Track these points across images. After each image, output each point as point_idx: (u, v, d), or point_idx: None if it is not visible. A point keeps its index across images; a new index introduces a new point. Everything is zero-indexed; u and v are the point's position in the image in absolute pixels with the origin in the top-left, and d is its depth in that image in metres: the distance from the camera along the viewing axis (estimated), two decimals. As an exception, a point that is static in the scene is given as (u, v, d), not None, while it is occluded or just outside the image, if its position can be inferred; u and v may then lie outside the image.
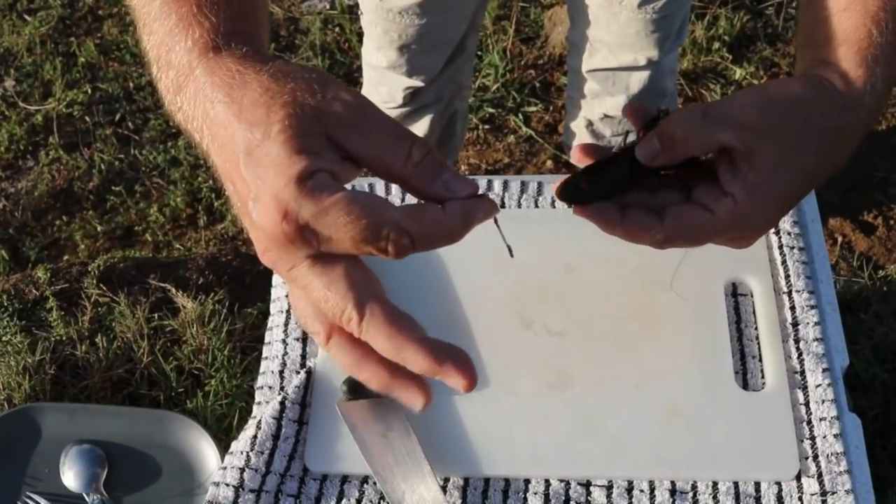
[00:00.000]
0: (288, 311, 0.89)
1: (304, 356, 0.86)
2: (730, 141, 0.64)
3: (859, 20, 0.68)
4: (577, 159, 0.72)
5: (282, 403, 0.82)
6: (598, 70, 1.55)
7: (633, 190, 0.70)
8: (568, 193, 0.70)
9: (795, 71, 0.73)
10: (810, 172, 0.66)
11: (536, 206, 0.93)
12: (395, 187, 0.93)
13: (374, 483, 0.79)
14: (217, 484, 0.78)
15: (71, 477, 1.05)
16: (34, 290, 1.74)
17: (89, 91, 2.37)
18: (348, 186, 0.55)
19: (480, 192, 0.59)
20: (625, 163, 0.70)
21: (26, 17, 2.58)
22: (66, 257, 2.04)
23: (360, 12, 1.49)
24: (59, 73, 2.41)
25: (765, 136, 0.64)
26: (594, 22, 1.47)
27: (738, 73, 2.23)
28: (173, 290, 1.71)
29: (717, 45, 2.31)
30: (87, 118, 2.32)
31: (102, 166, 2.21)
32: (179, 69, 0.60)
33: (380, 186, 0.94)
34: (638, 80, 1.53)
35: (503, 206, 0.93)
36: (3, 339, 1.63)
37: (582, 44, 1.52)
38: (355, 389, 0.81)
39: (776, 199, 0.66)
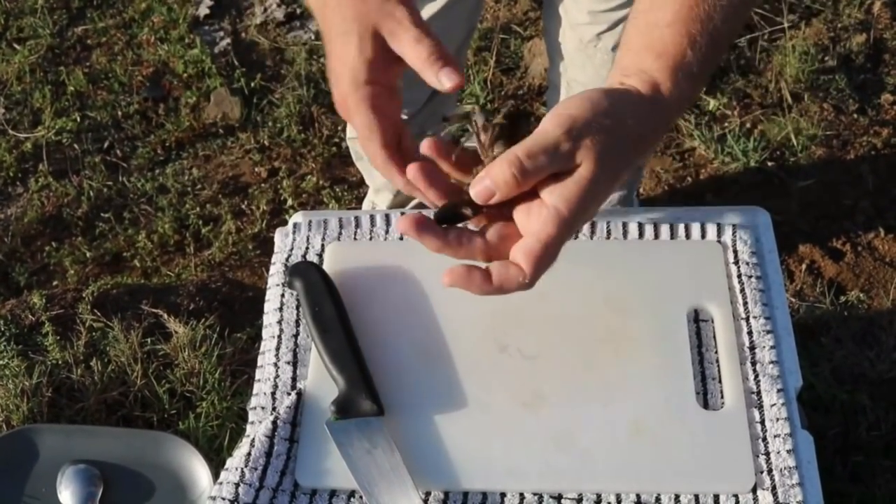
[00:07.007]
0: (279, 337, 0.94)
1: (294, 378, 0.91)
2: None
3: (678, 38, 0.77)
4: (426, 149, 0.79)
5: (274, 423, 0.87)
6: None
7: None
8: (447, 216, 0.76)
9: (615, 64, 0.82)
10: (621, 169, 0.75)
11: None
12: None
13: (361, 497, 0.84)
14: (213, 498, 0.83)
15: (68, 496, 1.07)
16: (30, 316, 1.77)
17: (78, 119, 2.40)
18: None
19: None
20: None
21: (16, 45, 2.61)
22: (55, 283, 2.06)
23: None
24: (49, 101, 2.44)
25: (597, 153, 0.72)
26: (570, 63, 1.53)
27: (712, 103, 2.29)
28: (165, 316, 1.73)
29: (690, 76, 2.38)
30: (76, 146, 2.35)
31: (91, 193, 2.24)
32: None
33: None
34: (612, 118, 1.58)
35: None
36: (1, 362, 1.66)
37: (559, 83, 1.58)
38: (343, 409, 0.86)
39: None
